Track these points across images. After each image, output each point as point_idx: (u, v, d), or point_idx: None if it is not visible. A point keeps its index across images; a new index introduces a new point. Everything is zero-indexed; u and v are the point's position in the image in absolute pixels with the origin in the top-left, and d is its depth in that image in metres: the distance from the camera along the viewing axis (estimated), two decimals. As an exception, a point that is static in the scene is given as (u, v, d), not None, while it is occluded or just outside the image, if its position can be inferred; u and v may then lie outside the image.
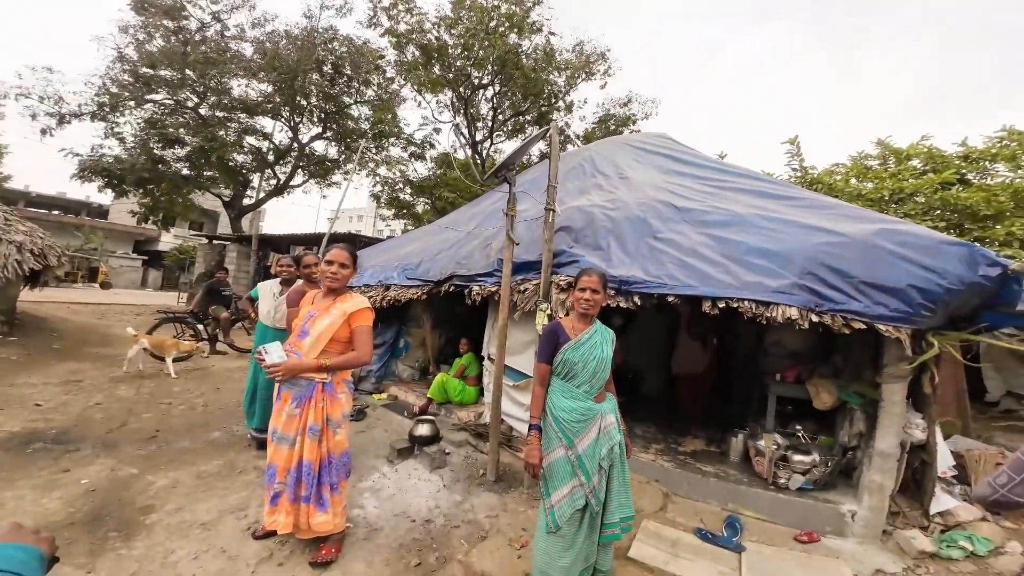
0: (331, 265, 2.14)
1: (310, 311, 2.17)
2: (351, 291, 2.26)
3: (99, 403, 4.19)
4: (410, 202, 14.60)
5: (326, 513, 2.09)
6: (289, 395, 2.09)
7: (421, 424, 3.56)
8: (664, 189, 3.98)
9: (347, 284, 2.24)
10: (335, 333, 2.09)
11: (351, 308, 2.12)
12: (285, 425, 2.08)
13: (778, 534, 2.69)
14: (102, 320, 9.37)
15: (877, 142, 7.45)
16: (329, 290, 2.20)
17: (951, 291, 2.30)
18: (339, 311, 2.12)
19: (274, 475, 2.09)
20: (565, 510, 1.85)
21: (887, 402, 2.66)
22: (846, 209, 3.29)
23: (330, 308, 2.13)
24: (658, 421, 4.31)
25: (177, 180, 11.83)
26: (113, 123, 11.15)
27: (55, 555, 0.73)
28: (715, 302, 2.73)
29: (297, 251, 8.74)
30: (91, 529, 2.28)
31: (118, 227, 24.42)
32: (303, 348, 2.09)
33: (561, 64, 12.60)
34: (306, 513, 2.07)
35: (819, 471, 2.90)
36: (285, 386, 2.09)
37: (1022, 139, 6.00)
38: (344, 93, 12.53)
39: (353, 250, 2.24)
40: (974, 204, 5.53)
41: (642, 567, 2.31)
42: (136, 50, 10.85)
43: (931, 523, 2.70)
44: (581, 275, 2.01)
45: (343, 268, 2.16)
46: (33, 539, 0.69)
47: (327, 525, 2.09)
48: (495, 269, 3.80)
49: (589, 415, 1.90)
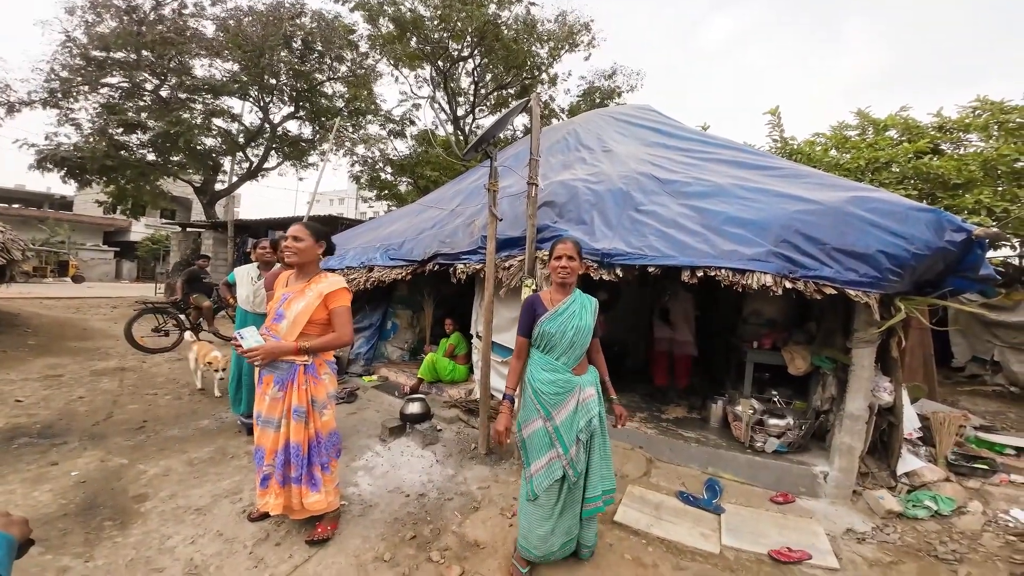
0: (286, 240, 2.12)
1: (284, 293, 2.13)
2: (324, 272, 2.20)
3: (82, 396, 4.12)
4: (391, 182, 14.27)
5: (319, 492, 2.11)
6: (271, 378, 2.08)
7: (412, 403, 3.61)
8: (647, 161, 3.98)
9: (320, 264, 2.20)
10: (312, 315, 2.05)
11: (327, 289, 2.08)
12: (269, 408, 2.08)
13: (755, 495, 2.82)
14: (77, 314, 9.10)
15: (856, 112, 7.51)
16: (300, 271, 2.16)
17: (918, 256, 2.39)
18: (315, 292, 2.08)
19: (262, 458, 2.11)
20: (543, 480, 1.89)
21: (856, 366, 2.77)
22: (821, 178, 3.35)
23: (305, 290, 2.09)
24: (643, 391, 4.46)
25: (143, 167, 11.28)
26: (67, 109, 10.50)
27: (30, 539, 0.70)
28: (693, 271, 2.79)
29: (276, 235, 8.53)
30: (85, 519, 2.29)
31: (85, 219, 23.41)
32: (280, 331, 2.06)
33: (543, 35, 12.21)
34: (298, 494, 2.10)
35: (793, 434, 3.04)
36: (266, 370, 2.08)
37: (995, 109, 6.12)
38: (316, 70, 11.97)
39: (314, 224, 2.19)
40: (945, 173, 5.66)
41: (628, 530, 2.42)
42: (86, 32, 10.13)
43: (898, 483, 2.83)
44: (556, 244, 2.00)
45: (297, 241, 2.09)
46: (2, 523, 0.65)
47: (320, 504, 2.12)
48: (479, 247, 3.79)
49: (567, 387, 1.92)
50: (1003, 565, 2.21)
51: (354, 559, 2.10)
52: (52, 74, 10.10)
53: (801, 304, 3.67)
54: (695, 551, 2.27)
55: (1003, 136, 5.92)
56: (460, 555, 2.16)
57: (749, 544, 2.32)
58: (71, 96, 10.30)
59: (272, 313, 2.12)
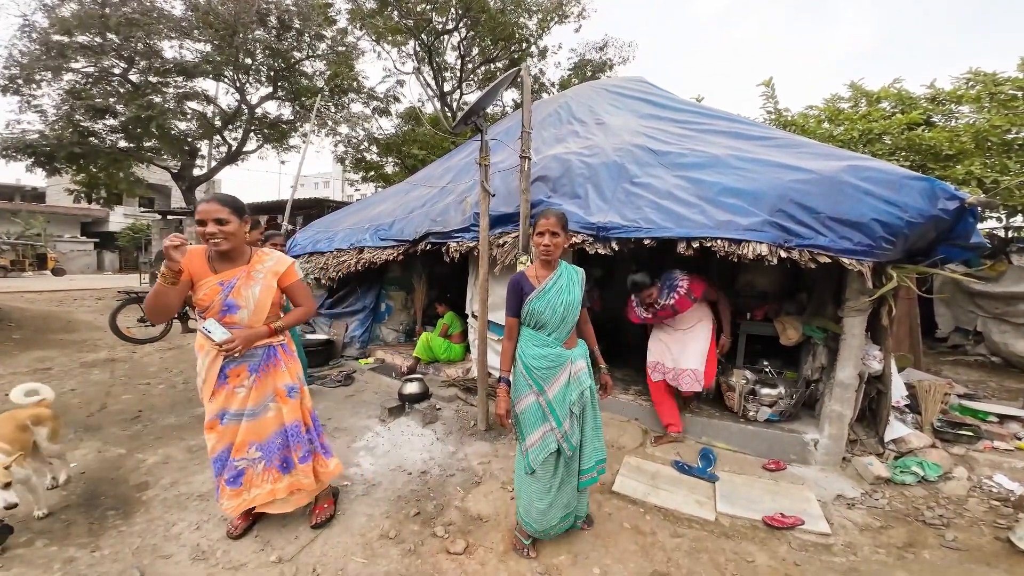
0: (204, 226, 1.75)
1: (222, 281, 1.84)
2: (256, 249, 2.00)
3: (73, 389, 4.06)
4: (378, 162, 13.92)
5: (333, 456, 2.23)
6: (243, 369, 1.93)
7: (410, 383, 3.63)
8: (641, 133, 3.91)
9: (256, 243, 2.05)
10: (273, 296, 1.94)
11: (280, 268, 1.96)
12: (242, 401, 1.94)
13: (748, 463, 2.90)
14: (61, 307, 8.90)
15: (850, 84, 7.44)
16: (222, 255, 1.86)
17: (912, 224, 2.40)
18: (266, 272, 1.92)
19: (226, 458, 1.96)
20: (538, 454, 1.90)
21: (847, 334, 2.82)
22: (816, 147, 3.32)
23: (252, 273, 1.89)
24: (637, 366, 4.51)
25: (114, 153, 10.82)
26: (29, 96, 9.95)
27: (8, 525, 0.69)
28: (689, 243, 2.78)
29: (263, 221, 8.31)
30: (87, 510, 2.28)
31: (60, 209, 22.64)
32: (239, 321, 1.87)
33: (531, 6, 11.77)
34: (309, 471, 2.07)
35: (785, 403, 3.11)
36: (235, 363, 1.91)
37: (987, 81, 6.08)
38: (294, 48, 11.42)
39: (230, 197, 1.85)
40: (937, 144, 5.66)
41: (626, 499, 2.48)
42: (46, 16, 9.50)
43: (886, 450, 2.89)
44: (538, 218, 1.92)
45: (219, 224, 1.76)
46: None
47: (338, 466, 2.23)
48: (472, 224, 3.73)
49: (559, 361, 1.91)
50: (987, 529, 2.27)
51: (360, 537, 2.13)
52: (11, 60, 9.54)
53: (793, 275, 3.70)
54: (691, 518, 2.34)
55: (995, 108, 5.92)
56: (464, 529, 2.20)
57: (743, 511, 2.38)
58: (33, 82, 9.75)
59: (218, 305, 1.83)
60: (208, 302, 1.83)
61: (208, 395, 1.93)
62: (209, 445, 1.97)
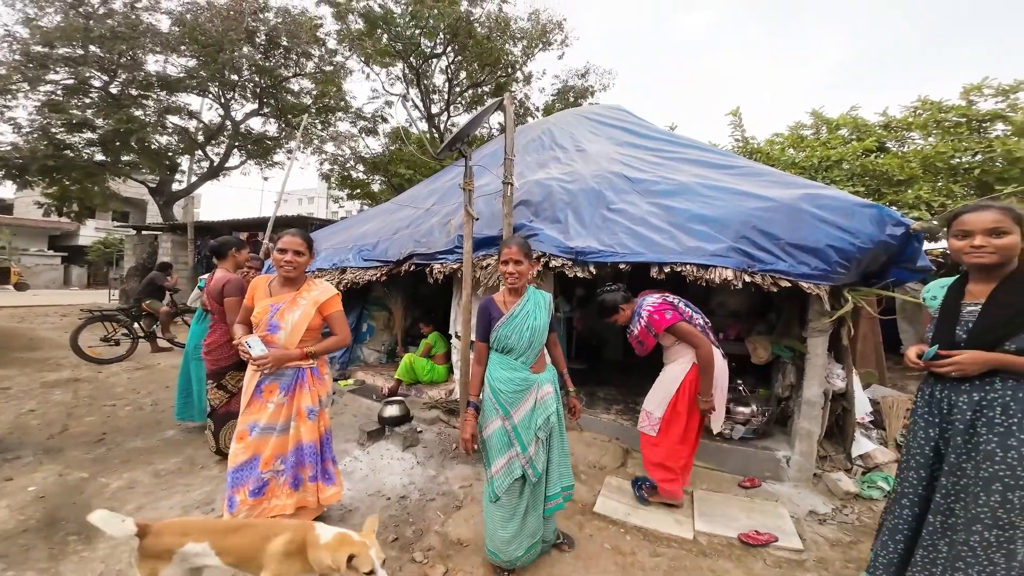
0: (284, 254, 2.07)
1: (272, 304, 2.10)
2: (310, 278, 2.24)
3: (33, 409, 3.88)
4: (364, 181, 13.98)
5: (334, 484, 2.28)
6: (276, 386, 2.11)
7: (390, 405, 3.59)
8: (618, 161, 4.10)
9: None
10: (310, 322, 2.11)
11: (322, 297, 2.15)
12: (272, 416, 2.10)
13: (724, 481, 2.96)
14: (23, 323, 8.50)
15: (811, 112, 7.97)
16: (286, 279, 2.14)
17: (863, 249, 2.58)
18: (308, 301, 2.12)
19: (256, 466, 2.07)
20: (503, 480, 1.88)
21: (811, 354, 2.94)
22: (777, 176, 3.54)
23: (297, 299, 2.12)
24: (619, 384, 4.59)
25: (90, 167, 10.54)
26: (3, 107, 9.73)
27: None
28: (661, 267, 2.92)
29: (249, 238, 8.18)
30: (48, 535, 2.18)
31: (27, 222, 21.79)
32: (278, 342, 2.08)
33: (517, 33, 12.25)
34: (315, 491, 2.18)
35: (758, 421, 3.19)
36: (269, 379, 2.10)
37: (934, 108, 6.61)
38: (281, 66, 11.54)
39: (307, 235, 2.17)
40: (889, 170, 6.07)
41: (606, 520, 2.49)
42: (27, 26, 9.39)
43: (853, 465, 3.00)
44: (501, 247, 1.96)
45: (298, 256, 2.09)
46: None
47: (336, 495, 2.28)
48: (456, 246, 3.79)
49: (526, 385, 1.92)
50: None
51: (336, 563, 2.08)
52: None
53: (763, 296, 3.87)
54: (670, 537, 2.36)
55: (941, 134, 6.41)
56: (443, 554, 2.18)
57: (721, 528, 2.43)
58: (9, 93, 9.54)
59: (264, 324, 2.09)
60: (258, 320, 2.09)
61: (245, 405, 2.13)
62: (233, 454, 2.09)
